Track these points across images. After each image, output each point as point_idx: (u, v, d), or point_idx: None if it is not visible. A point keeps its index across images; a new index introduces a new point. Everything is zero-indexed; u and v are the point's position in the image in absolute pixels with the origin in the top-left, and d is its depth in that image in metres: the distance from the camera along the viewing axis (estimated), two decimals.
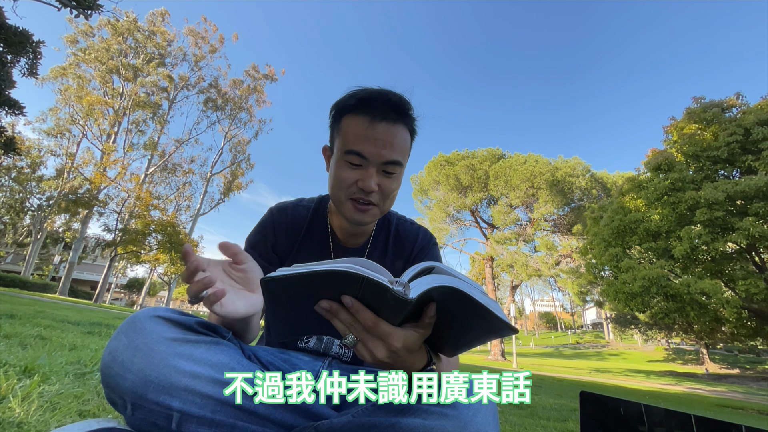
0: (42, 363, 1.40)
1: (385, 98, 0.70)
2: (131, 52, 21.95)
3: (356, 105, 0.71)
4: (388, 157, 0.70)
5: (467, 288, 0.43)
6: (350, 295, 0.44)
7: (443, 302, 0.46)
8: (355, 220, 0.75)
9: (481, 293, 0.44)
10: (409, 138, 0.74)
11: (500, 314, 0.43)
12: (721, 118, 10.33)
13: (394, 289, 0.40)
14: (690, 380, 16.88)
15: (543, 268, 18.54)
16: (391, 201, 0.76)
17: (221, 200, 27.23)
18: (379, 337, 0.45)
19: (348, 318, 0.45)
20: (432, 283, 0.42)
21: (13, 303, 5.27)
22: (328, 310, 0.45)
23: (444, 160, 22.15)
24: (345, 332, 0.46)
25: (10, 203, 24.73)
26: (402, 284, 0.42)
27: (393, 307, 0.43)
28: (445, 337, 0.52)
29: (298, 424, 0.59)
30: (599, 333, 56.31)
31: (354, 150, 0.70)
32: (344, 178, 0.72)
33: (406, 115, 0.72)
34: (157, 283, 39.51)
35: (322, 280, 0.43)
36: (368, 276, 0.40)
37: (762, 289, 8.24)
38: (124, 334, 0.59)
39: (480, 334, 0.50)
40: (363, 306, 0.44)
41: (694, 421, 0.64)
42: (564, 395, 4.57)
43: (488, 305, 0.43)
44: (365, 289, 0.42)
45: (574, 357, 32.95)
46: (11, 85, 6.44)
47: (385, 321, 0.45)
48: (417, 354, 0.50)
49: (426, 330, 0.49)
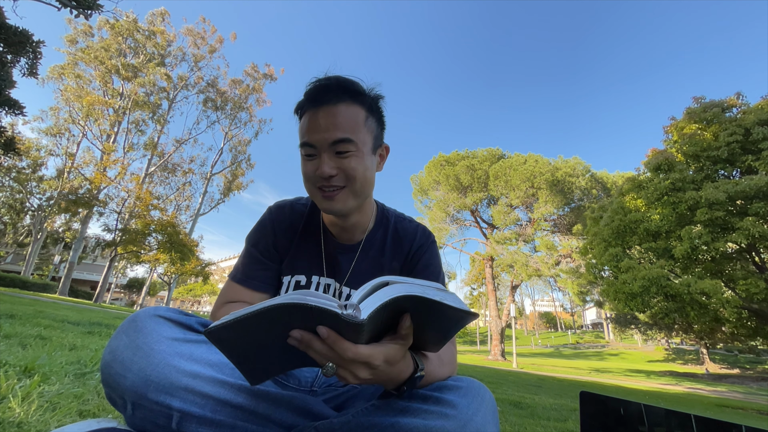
0: (42, 363, 1.40)
1: (321, 85, 0.71)
2: (131, 53, 21.95)
3: (304, 101, 0.73)
4: (332, 137, 0.69)
5: (420, 290, 0.43)
6: (305, 325, 0.43)
7: (408, 309, 0.46)
8: (325, 208, 0.76)
9: (436, 291, 0.45)
10: (360, 113, 0.72)
11: (457, 305, 0.45)
12: (721, 118, 10.32)
13: (343, 314, 0.39)
14: (690, 380, 16.88)
15: (543, 268, 18.53)
16: (362, 181, 0.74)
17: (221, 200, 27.24)
18: (361, 362, 0.44)
19: (323, 348, 0.44)
20: (383, 297, 0.41)
21: (13, 303, 5.26)
22: (301, 340, 0.44)
23: (444, 160, 22.15)
24: (322, 362, 0.45)
25: (11, 203, 24.74)
26: (352, 306, 0.41)
27: (352, 331, 0.42)
28: (424, 337, 0.53)
29: (298, 424, 0.59)
30: (599, 333, 56.32)
31: (303, 142, 0.72)
32: (305, 172, 0.74)
33: (351, 93, 0.71)
34: (157, 283, 39.48)
35: (272, 317, 0.41)
36: (315, 305, 0.39)
37: (762, 289, 8.24)
38: (124, 334, 0.59)
39: (449, 326, 0.51)
40: (339, 336, 0.43)
41: (694, 421, 0.64)
42: (564, 395, 4.56)
43: (444, 300, 0.44)
44: (319, 317, 0.41)
45: (574, 357, 32.95)
46: (11, 85, 6.44)
47: (362, 343, 0.44)
48: (401, 363, 0.49)
49: (406, 340, 0.48)
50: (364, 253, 0.86)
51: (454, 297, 0.46)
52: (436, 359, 0.60)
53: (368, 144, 0.74)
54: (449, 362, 0.67)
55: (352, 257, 0.86)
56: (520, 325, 61.29)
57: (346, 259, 0.86)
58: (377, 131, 0.77)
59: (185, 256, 19.82)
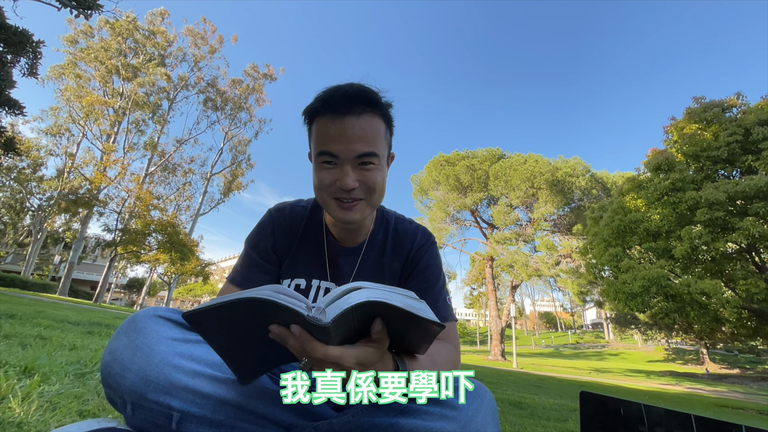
0: (42, 363, 1.40)
1: (345, 93, 0.68)
2: (131, 53, 21.96)
3: (320, 106, 0.70)
4: (359, 150, 0.68)
5: (382, 296, 0.43)
6: (282, 321, 0.44)
7: (379, 314, 0.46)
8: (341, 219, 0.74)
9: (404, 297, 0.45)
10: (382, 126, 0.72)
11: (424, 314, 0.44)
12: (721, 118, 10.32)
13: (308, 316, 0.41)
14: (690, 380, 16.87)
15: (543, 268, 18.53)
16: (378, 193, 0.74)
17: (221, 200, 27.26)
18: (330, 362, 0.45)
19: (296, 345, 0.45)
20: (350, 301, 0.42)
21: (13, 303, 5.26)
22: (278, 334, 0.45)
23: (444, 160, 22.15)
24: (300, 357, 0.46)
25: (11, 203, 24.74)
26: (319, 309, 0.42)
27: (320, 332, 0.43)
28: (408, 339, 0.52)
29: (297, 424, 0.59)
30: (599, 333, 56.30)
31: (324, 150, 0.69)
32: (322, 180, 0.71)
33: (373, 104, 0.70)
34: (157, 283, 39.49)
35: (247, 309, 0.42)
36: (282, 303, 0.40)
37: (762, 289, 8.24)
38: (124, 334, 0.59)
39: (421, 333, 0.49)
40: (309, 335, 0.44)
41: (694, 421, 0.64)
42: (564, 395, 4.56)
43: (408, 308, 0.43)
44: (291, 315, 0.42)
45: (574, 357, 32.94)
46: (11, 85, 6.45)
47: (334, 344, 0.45)
48: (378, 365, 0.49)
49: (380, 343, 0.48)
50: (366, 255, 0.86)
51: (422, 305, 0.46)
52: (428, 361, 0.59)
53: (385, 155, 0.74)
54: (445, 363, 0.66)
55: (354, 260, 0.86)
56: (520, 325, 61.27)
57: (348, 262, 0.85)
58: (390, 141, 0.77)
59: (185, 256, 19.83)
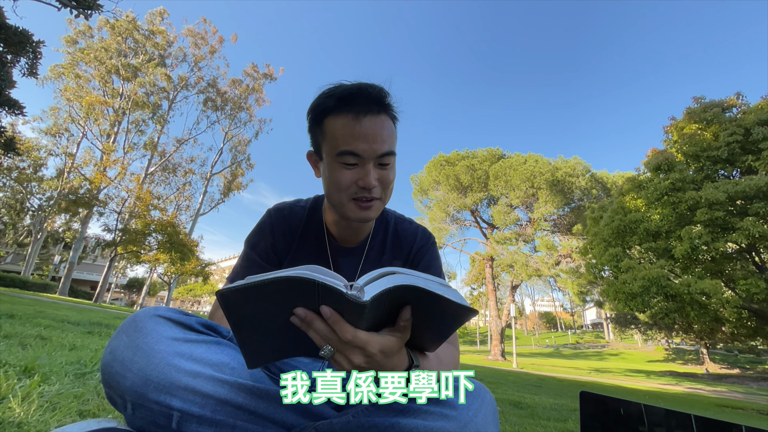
0: (42, 363, 1.40)
1: (365, 92, 0.69)
2: (131, 53, 21.95)
3: (337, 104, 0.69)
4: (381, 149, 0.69)
5: (423, 283, 0.44)
6: (309, 304, 0.44)
7: (410, 301, 0.47)
8: (360, 218, 0.75)
9: (439, 285, 0.46)
10: (393, 126, 0.74)
11: (459, 300, 0.45)
12: (721, 118, 10.31)
13: (348, 293, 0.41)
14: (690, 380, 16.88)
15: (543, 268, 18.53)
16: (390, 191, 0.77)
17: (221, 200, 27.26)
18: (356, 346, 0.45)
19: (324, 328, 0.45)
20: (387, 284, 0.42)
21: (13, 303, 5.26)
22: (303, 318, 0.45)
23: (444, 160, 22.15)
24: (321, 343, 0.46)
25: (11, 203, 24.74)
26: (357, 288, 0.43)
27: (354, 313, 0.43)
28: (423, 334, 0.53)
29: (298, 424, 0.59)
30: (599, 333, 56.30)
31: (347, 150, 0.68)
32: (342, 180, 0.71)
33: (387, 104, 0.72)
34: (157, 283, 39.49)
35: (278, 290, 0.42)
36: (322, 281, 0.40)
37: (762, 289, 8.23)
38: (124, 333, 0.59)
39: (449, 322, 0.51)
40: (340, 317, 0.44)
41: (694, 421, 0.64)
42: (564, 395, 4.57)
43: (446, 294, 0.44)
44: (323, 296, 0.43)
45: (574, 357, 32.94)
46: (11, 85, 6.44)
47: (362, 329, 0.46)
48: (395, 357, 0.49)
49: (403, 333, 0.49)
50: (366, 255, 0.86)
51: (456, 293, 0.47)
52: (434, 359, 0.61)
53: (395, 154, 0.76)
54: (448, 363, 0.66)
55: (354, 260, 0.86)
56: (520, 325, 61.26)
57: (348, 261, 0.86)
58: None
59: (185, 256, 19.82)
